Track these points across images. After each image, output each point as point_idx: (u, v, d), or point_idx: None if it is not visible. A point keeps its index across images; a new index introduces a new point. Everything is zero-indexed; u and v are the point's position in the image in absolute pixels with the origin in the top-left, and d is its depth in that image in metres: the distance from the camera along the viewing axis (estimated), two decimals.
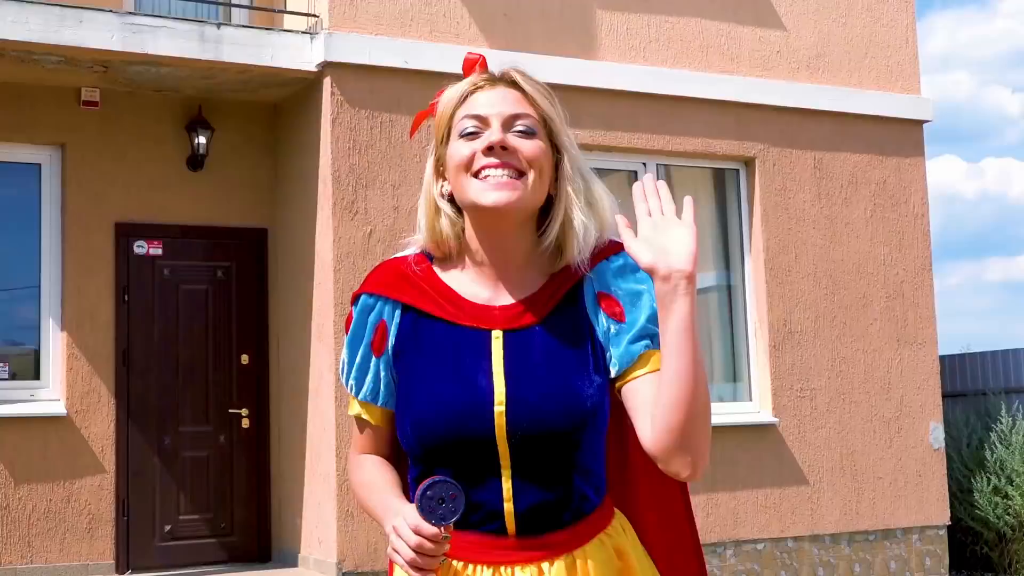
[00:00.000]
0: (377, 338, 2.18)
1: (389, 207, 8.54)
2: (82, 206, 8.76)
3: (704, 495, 9.39)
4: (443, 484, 1.95)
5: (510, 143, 2.08)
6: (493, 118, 2.10)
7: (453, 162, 2.11)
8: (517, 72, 2.17)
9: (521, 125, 2.10)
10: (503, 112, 2.11)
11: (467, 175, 2.09)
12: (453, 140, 2.13)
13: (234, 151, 9.25)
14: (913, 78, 10.68)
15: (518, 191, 2.06)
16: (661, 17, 9.70)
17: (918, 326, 10.40)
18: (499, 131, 2.08)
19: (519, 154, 2.08)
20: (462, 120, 2.12)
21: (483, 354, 2.10)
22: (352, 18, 8.60)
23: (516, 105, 2.12)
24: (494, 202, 2.06)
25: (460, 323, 2.13)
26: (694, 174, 10.04)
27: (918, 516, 10.20)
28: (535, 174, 2.09)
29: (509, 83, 2.16)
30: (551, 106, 2.14)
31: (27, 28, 7.80)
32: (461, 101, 2.15)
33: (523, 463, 2.06)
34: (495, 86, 2.15)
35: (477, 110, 2.12)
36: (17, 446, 8.39)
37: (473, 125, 2.11)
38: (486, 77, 2.17)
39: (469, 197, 2.09)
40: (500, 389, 2.06)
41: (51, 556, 8.41)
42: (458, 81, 2.23)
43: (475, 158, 2.08)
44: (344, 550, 8.16)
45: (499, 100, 2.12)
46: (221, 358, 9.13)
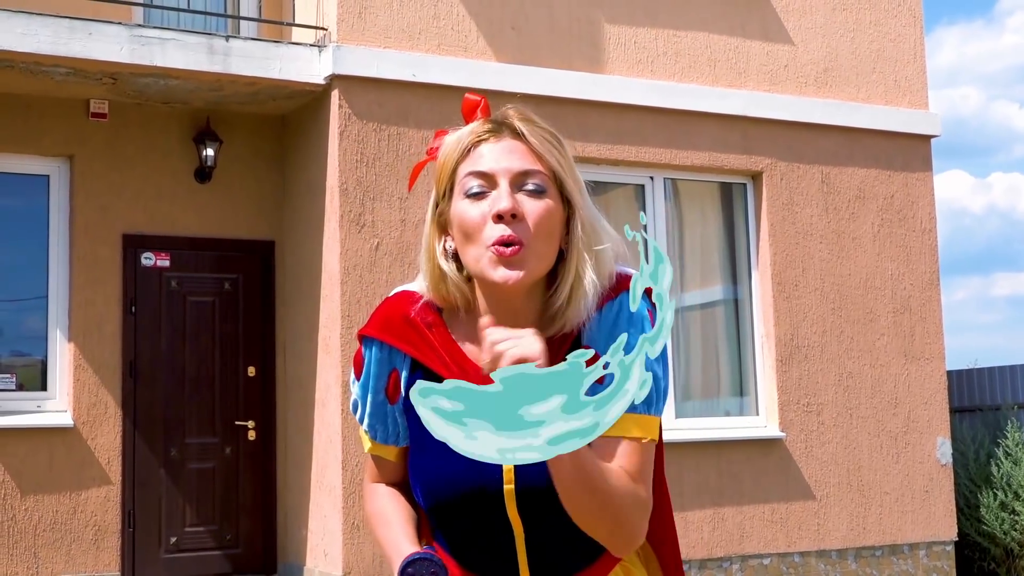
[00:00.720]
0: (391, 386, 2.13)
1: (396, 220, 8.55)
2: (90, 217, 8.78)
3: (710, 509, 9.37)
4: (424, 562, 1.91)
5: (520, 210, 1.96)
6: (500, 177, 1.98)
7: (461, 227, 2.00)
8: (521, 120, 2.04)
9: (531, 184, 1.98)
10: (511, 170, 1.99)
11: (477, 245, 1.98)
12: (457, 198, 2.02)
13: (242, 163, 9.26)
14: (921, 93, 10.68)
15: (524, 268, 1.96)
16: (669, 31, 9.72)
17: (925, 341, 10.38)
18: (507, 196, 1.96)
19: (527, 220, 1.96)
20: (466, 177, 2.00)
21: None
22: (360, 31, 8.62)
23: (524, 161, 2.00)
24: (503, 279, 1.96)
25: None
26: (701, 188, 10.04)
27: (925, 531, 10.17)
28: (542, 242, 1.98)
29: (513, 133, 2.02)
30: (559, 156, 2.03)
31: (36, 40, 7.83)
32: (464, 153, 2.03)
33: (535, 525, 2.04)
34: (500, 138, 2.02)
35: (483, 167, 1.99)
36: (23, 457, 8.39)
37: (479, 185, 1.99)
38: (490, 128, 2.03)
39: (478, 268, 1.99)
40: (509, 467, 2.00)
41: (57, 567, 8.41)
42: (463, 93, 2.16)
43: (485, 226, 1.96)
44: (350, 562, 8.15)
45: (505, 155, 2.00)
46: (228, 370, 9.13)
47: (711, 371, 10.01)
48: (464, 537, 2.09)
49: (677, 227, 9.88)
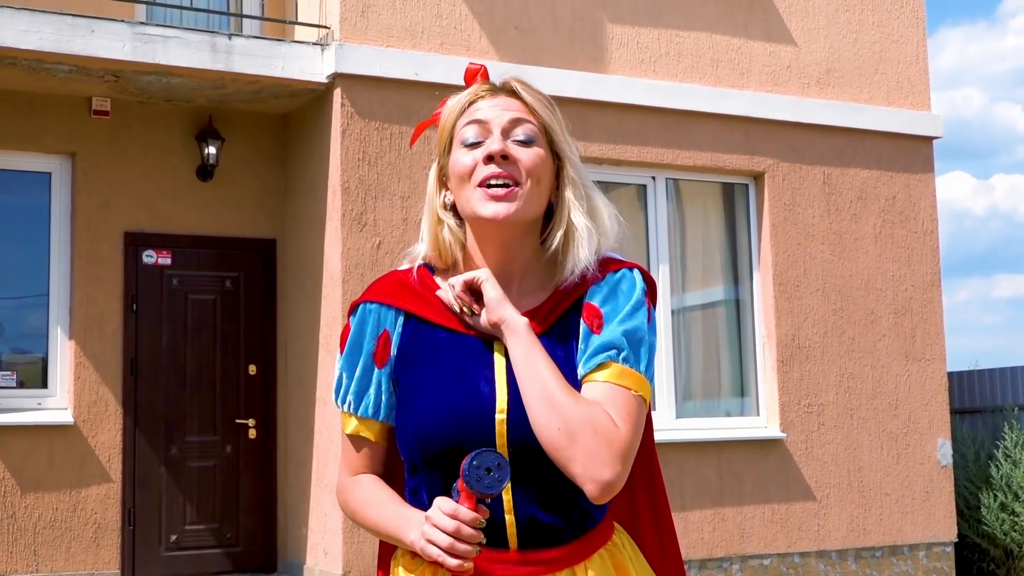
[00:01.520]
0: (379, 348, 2.18)
1: (398, 219, 8.55)
2: (92, 215, 8.78)
3: (711, 510, 9.37)
4: (488, 454, 1.92)
5: (510, 152, 2.10)
6: (493, 124, 2.13)
7: (455, 172, 2.14)
8: (517, 81, 2.21)
9: (521, 133, 2.13)
10: (503, 118, 2.14)
11: (469, 185, 2.12)
12: (455, 149, 2.16)
13: (244, 161, 9.27)
14: (923, 94, 10.68)
15: (516, 202, 2.09)
16: (672, 31, 9.71)
17: (926, 342, 10.38)
18: (499, 140, 2.11)
19: (519, 163, 2.11)
20: (463, 128, 2.15)
21: (485, 363, 2.11)
22: (363, 30, 8.62)
23: (516, 113, 2.15)
24: (492, 213, 2.08)
25: (462, 331, 2.14)
26: (703, 188, 10.04)
27: (925, 532, 10.17)
28: (532, 183, 2.11)
29: (509, 92, 2.19)
30: (551, 115, 2.19)
31: (39, 37, 7.83)
32: (463, 111, 2.18)
33: (524, 476, 2.06)
34: (496, 95, 2.18)
35: (477, 116, 2.15)
36: (24, 454, 8.39)
37: (474, 133, 2.14)
38: (487, 87, 2.20)
39: (470, 208, 2.12)
40: (502, 397, 2.07)
41: (57, 565, 8.41)
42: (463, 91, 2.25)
43: (476, 168, 2.11)
44: (350, 561, 8.15)
45: (500, 107, 2.16)
46: (229, 368, 9.14)
47: (712, 371, 10.01)
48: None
49: (679, 227, 9.87)
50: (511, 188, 2.09)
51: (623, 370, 2.06)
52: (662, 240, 9.66)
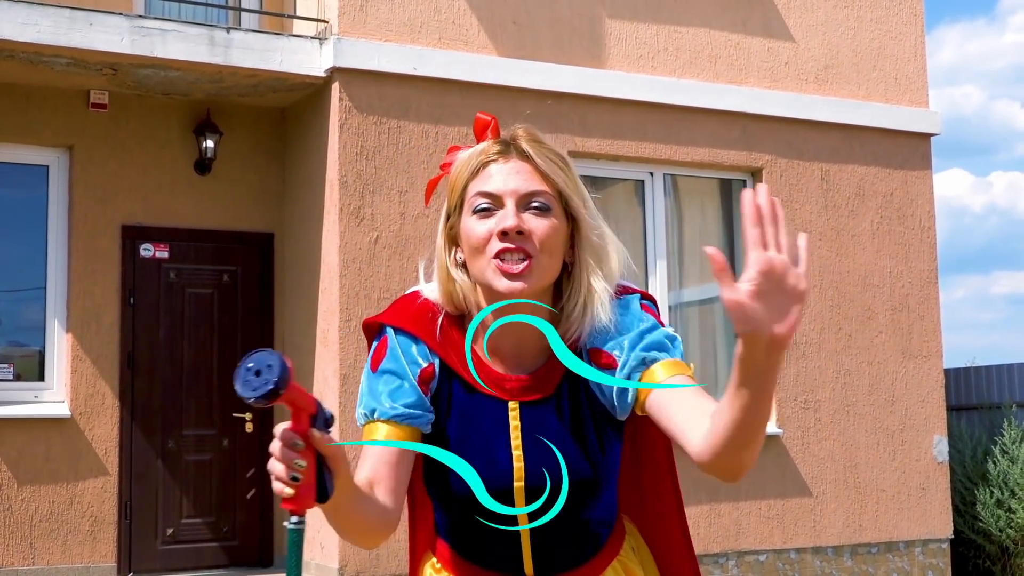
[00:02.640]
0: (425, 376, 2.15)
1: (396, 213, 8.55)
2: (89, 208, 8.78)
3: (707, 505, 9.38)
4: (262, 354, 1.72)
5: (525, 226, 2.05)
6: (507, 197, 2.07)
7: (468, 241, 2.09)
8: (529, 142, 2.12)
9: (536, 202, 2.07)
10: (517, 191, 2.07)
11: (483, 257, 2.07)
12: (466, 214, 2.10)
13: (242, 155, 9.26)
14: (921, 91, 10.68)
15: (530, 278, 2.04)
16: (670, 27, 9.71)
17: (923, 339, 10.39)
18: (513, 214, 2.05)
19: (533, 236, 2.05)
20: (475, 196, 2.09)
21: (502, 425, 2.13)
22: (361, 24, 8.62)
23: (530, 182, 2.08)
24: (507, 289, 2.04)
25: (481, 389, 2.14)
26: (701, 184, 10.04)
27: (921, 529, 10.19)
28: (547, 257, 2.06)
29: (521, 155, 2.10)
30: (565, 177, 2.11)
31: (37, 30, 7.83)
32: (474, 173, 2.11)
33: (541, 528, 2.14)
34: (508, 158, 2.10)
35: (491, 188, 2.08)
36: (21, 447, 8.40)
37: (486, 203, 2.08)
38: (499, 148, 2.11)
39: (483, 279, 2.08)
40: (519, 464, 2.10)
41: (53, 558, 8.42)
42: (467, 89, 2.24)
43: (490, 241, 2.05)
44: (346, 555, 8.16)
45: (512, 177, 2.08)
46: (226, 362, 9.13)
47: (709, 367, 10.02)
48: (470, 530, 2.16)
49: (676, 223, 9.88)
50: (525, 263, 2.04)
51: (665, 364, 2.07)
52: (659, 236, 9.66)
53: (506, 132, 2.16)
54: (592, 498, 2.13)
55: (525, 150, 2.10)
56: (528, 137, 2.12)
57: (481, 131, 2.17)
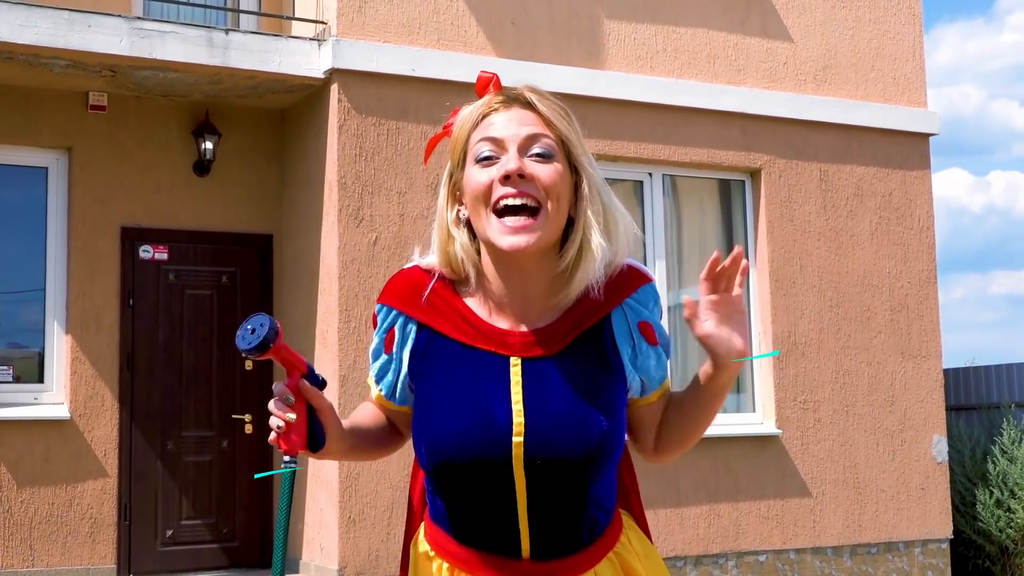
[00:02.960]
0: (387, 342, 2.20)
1: (395, 214, 8.55)
2: (88, 210, 8.78)
3: (706, 506, 9.39)
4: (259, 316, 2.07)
5: (527, 170, 2.03)
6: (509, 141, 2.05)
7: (470, 190, 2.07)
8: (532, 92, 2.11)
9: (538, 148, 2.05)
10: (519, 134, 2.05)
11: (486, 209, 2.05)
12: (469, 165, 2.08)
13: (241, 157, 9.27)
14: (920, 91, 10.69)
15: (536, 233, 2.03)
16: (668, 27, 9.72)
17: (922, 339, 10.39)
18: (516, 157, 2.03)
19: (537, 181, 2.03)
20: (478, 144, 2.07)
21: (501, 381, 2.08)
22: (360, 25, 8.62)
23: (532, 127, 2.07)
24: (512, 246, 2.03)
25: (478, 346, 2.11)
26: (700, 185, 10.04)
27: (921, 529, 10.19)
28: (553, 204, 2.05)
29: (524, 104, 2.10)
30: (568, 126, 2.09)
31: (36, 32, 7.83)
32: (476, 124, 2.10)
33: (538, 490, 2.06)
34: (510, 107, 2.09)
35: (493, 133, 2.07)
36: (20, 449, 8.39)
37: (489, 149, 2.06)
38: (501, 99, 2.11)
39: (486, 235, 2.06)
40: (519, 420, 2.04)
41: (52, 560, 8.41)
42: (466, 90, 2.23)
43: (493, 187, 2.04)
44: (346, 557, 8.16)
45: (515, 122, 2.07)
46: (225, 363, 9.14)
47: None
48: (466, 505, 2.09)
49: (675, 223, 9.88)
50: (530, 219, 2.02)
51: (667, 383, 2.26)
52: (659, 236, 9.66)
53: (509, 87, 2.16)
54: (595, 470, 2.07)
55: (528, 98, 2.09)
56: (531, 89, 2.12)
57: (483, 87, 2.16)
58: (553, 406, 2.05)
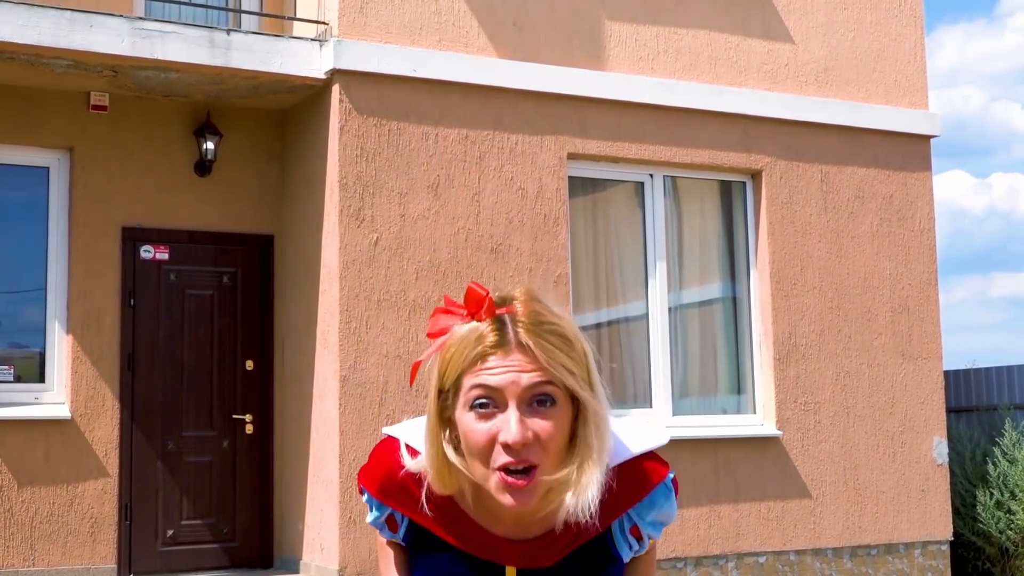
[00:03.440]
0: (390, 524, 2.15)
1: (396, 215, 8.56)
2: (89, 210, 8.79)
3: (707, 507, 9.38)
4: None
5: (529, 436, 1.89)
6: (508, 395, 1.90)
7: (467, 441, 1.93)
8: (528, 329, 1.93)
9: (540, 397, 1.90)
10: (518, 386, 1.90)
11: (482, 465, 1.92)
12: (463, 407, 1.93)
13: (242, 157, 9.27)
14: (921, 93, 10.69)
15: (537, 492, 1.92)
16: (670, 29, 9.72)
17: (923, 341, 10.39)
18: (517, 422, 1.88)
19: (538, 440, 1.90)
20: (473, 389, 1.91)
21: None
22: (361, 26, 8.62)
23: (531, 376, 1.90)
24: (511, 505, 1.92)
25: (474, 554, 2.05)
26: (701, 186, 10.04)
27: (921, 531, 10.19)
28: (552, 456, 1.92)
29: (520, 346, 1.91)
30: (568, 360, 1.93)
31: (37, 32, 7.83)
32: (471, 364, 1.93)
33: None
34: (507, 353, 1.91)
35: (490, 382, 1.90)
36: (21, 449, 8.40)
37: (486, 399, 1.91)
38: (495, 339, 1.92)
39: (485, 485, 1.95)
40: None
41: (53, 559, 8.42)
42: (467, 91, 2.19)
43: (493, 450, 1.91)
44: (346, 557, 8.16)
45: (514, 370, 1.90)
46: (226, 363, 9.14)
47: (709, 368, 10.02)
48: None
49: (676, 224, 9.88)
50: (531, 477, 1.90)
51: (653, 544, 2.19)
52: (659, 237, 9.66)
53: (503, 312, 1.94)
54: None
55: (523, 341, 1.91)
56: (528, 320, 1.93)
57: (475, 307, 1.97)
58: None
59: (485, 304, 1.94)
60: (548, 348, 1.90)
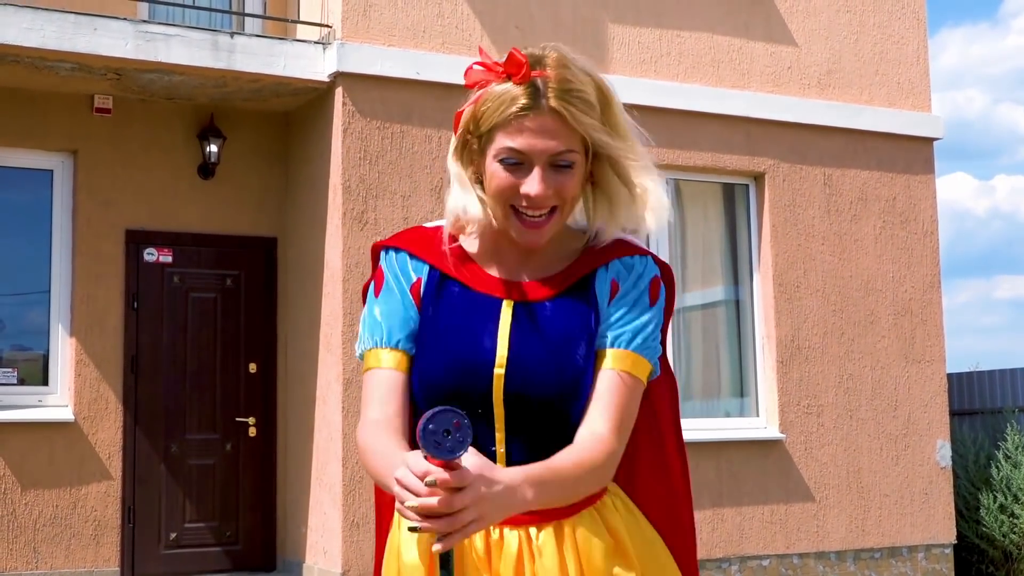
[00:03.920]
0: (415, 290, 2.23)
1: (399, 218, 8.56)
2: (93, 212, 8.79)
3: (709, 510, 9.38)
4: (445, 414, 1.76)
5: (551, 191, 2.10)
6: (536, 157, 2.09)
7: (494, 185, 2.13)
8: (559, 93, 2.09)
9: (562, 161, 2.11)
10: (546, 150, 2.09)
11: (505, 205, 2.13)
12: (492, 157, 2.13)
13: (245, 160, 9.28)
14: (924, 95, 10.69)
15: (550, 231, 2.15)
16: (673, 32, 9.72)
17: (926, 343, 10.39)
18: (539, 180, 2.09)
19: (558, 192, 2.11)
20: (503, 147, 2.11)
21: (492, 318, 2.18)
22: (364, 29, 8.63)
23: (558, 142, 2.09)
24: (528, 242, 2.15)
25: (476, 289, 2.21)
26: (704, 189, 10.05)
27: (924, 534, 10.18)
28: (568, 204, 2.15)
29: (552, 112, 2.09)
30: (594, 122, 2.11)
31: (41, 35, 7.84)
32: (505, 119, 2.10)
33: (517, 426, 2.13)
34: (540, 116, 2.09)
35: (519, 145, 2.09)
36: (24, 452, 8.40)
37: (515, 158, 2.10)
38: (530, 101, 2.09)
39: (501, 221, 2.16)
40: (502, 352, 2.14)
41: (56, 562, 8.42)
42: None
43: (516, 195, 2.11)
44: (349, 560, 8.16)
45: (543, 136, 2.09)
46: (229, 366, 9.15)
47: (711, 371, 10.02)
48: None
49: (679, 227, 9.88)
50: (547, 220, 2.13)
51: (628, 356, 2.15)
52: (662, 240, 9.66)
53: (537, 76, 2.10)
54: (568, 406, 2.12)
55: (554, 107, 2.08)
56: (559, 84, 2.09)
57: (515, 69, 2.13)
58: (535, 343, 2.15)
59: (523, 69, 2.11)
60: (575, 113, 2.09)
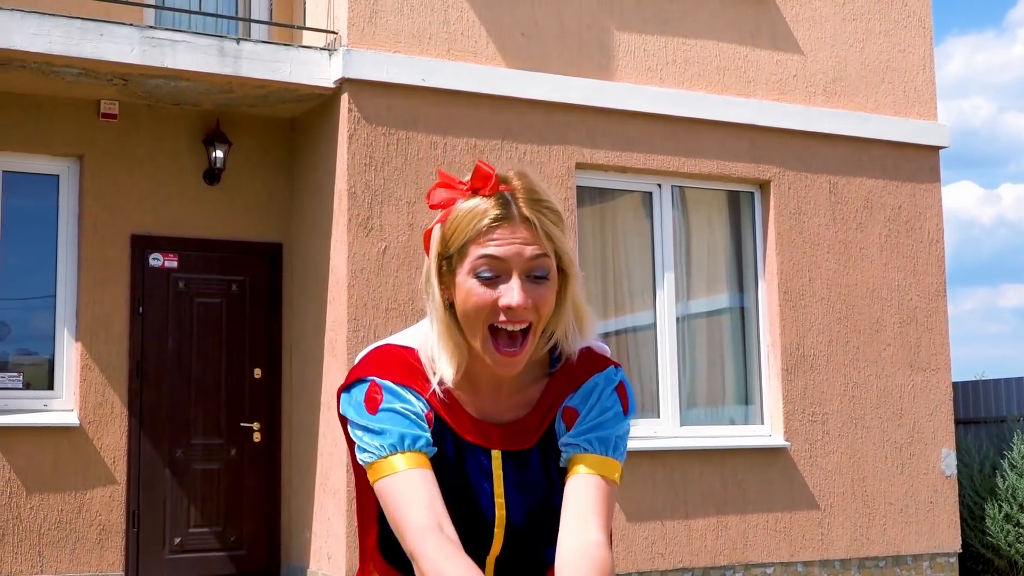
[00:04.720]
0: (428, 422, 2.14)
1: (404, 224, 8.57)
2: (99, 218, 8.81)
3: (714, 518, 9.37)
4: None
5: (530, 302, 2.06)
6: (513, 266, 2.06)
7: (471, 304, 2.08)
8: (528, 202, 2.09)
9: (538, 271, 2.08)
10: (522, 257, 2.06)
11: (484, 325, 2.08)
12: (466, 274, 2.09)
13: (251, 166, 9.29)
14: (930, 104, 10.69)
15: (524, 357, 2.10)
16: (678, 39, 9.73)
17: (931, 352, 10.37)
18: (519, 290, 2.05)
19: (535, 305, 2.07)
20: (478, 259, 2.07)
21: (486, 476, 2.17)
22: (370, 35, 8.64)
23: (534, 248, 2.07)
24: (505, 370, 2.10)
25: (465, 437, 2.16)
26: (709, 196, 10.04)
27: (929, 543, 10.17)
28: (543, 322, 2.12)
29: (523, 219, 2.08)
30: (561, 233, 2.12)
31: (48, 40, 7.86)
32: (478, 233, 2.08)
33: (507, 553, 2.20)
34: (513, 227, 2.07)
35: (495, 253, 2.06)
36: (29, 456, 8.42)
37: (491, 270, 2.07)
38: (501, 212, 2.07)
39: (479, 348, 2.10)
40: (500, 513, 2.16)
41: (61, 566, 8.43)
42: (475, 101, 2.22)
43: (494, 311, 2.07)
44: (353, 566, 8.16)
45: (517, 242, 2.07)
46: (234, 371, 9.15)
47: (716, 379, 10.01)
48: None
49: (684, 235, 9.88)
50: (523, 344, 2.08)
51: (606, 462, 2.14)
52: (667, 247, 9.66)
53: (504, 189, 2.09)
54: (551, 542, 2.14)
55: (526, 215, 2.07)
56: (526, 195, 2.09)
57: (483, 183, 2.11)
58: (529, 499, 2.17)
59: (492, 180, 2.10)
60: (545, 222, 2.09)
